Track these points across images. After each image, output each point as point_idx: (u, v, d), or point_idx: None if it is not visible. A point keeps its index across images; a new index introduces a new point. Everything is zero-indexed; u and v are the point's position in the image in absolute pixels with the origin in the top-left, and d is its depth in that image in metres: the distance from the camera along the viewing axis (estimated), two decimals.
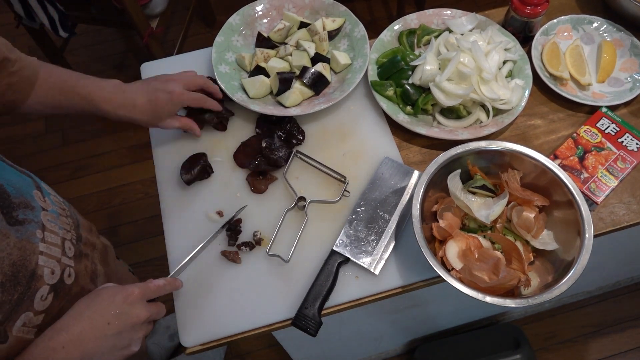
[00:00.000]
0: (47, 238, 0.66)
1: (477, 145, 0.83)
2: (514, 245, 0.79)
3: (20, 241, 0.61)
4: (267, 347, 1.67)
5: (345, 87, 0.96)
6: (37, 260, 0.63)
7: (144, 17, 1.74)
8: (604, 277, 1.59)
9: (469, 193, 0.85)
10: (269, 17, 1.08)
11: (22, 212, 0.63)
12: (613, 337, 1.67)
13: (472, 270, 0.75)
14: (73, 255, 0.72)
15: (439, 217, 0.82)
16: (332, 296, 0.80)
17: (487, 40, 0.99)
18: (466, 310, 1.43)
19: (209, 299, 0.81)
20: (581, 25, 1.07)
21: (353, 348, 1.40)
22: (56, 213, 0.71)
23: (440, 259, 0.79)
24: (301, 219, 0.87)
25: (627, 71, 1.01)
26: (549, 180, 0.81)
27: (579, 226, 0.77)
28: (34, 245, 0.63)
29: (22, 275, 0.60)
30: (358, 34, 1.02)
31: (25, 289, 0.60)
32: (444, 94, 0.92)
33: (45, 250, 0.65)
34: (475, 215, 0.80)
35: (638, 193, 0.89)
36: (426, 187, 0.80)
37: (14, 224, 0.61)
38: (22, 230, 0.61)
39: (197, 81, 0.90)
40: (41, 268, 0.63)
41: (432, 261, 0.73)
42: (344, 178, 0.89)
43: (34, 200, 0.67)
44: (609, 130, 0.92)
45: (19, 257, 0.60)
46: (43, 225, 0.66)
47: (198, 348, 0.79)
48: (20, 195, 0.64)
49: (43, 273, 0.64)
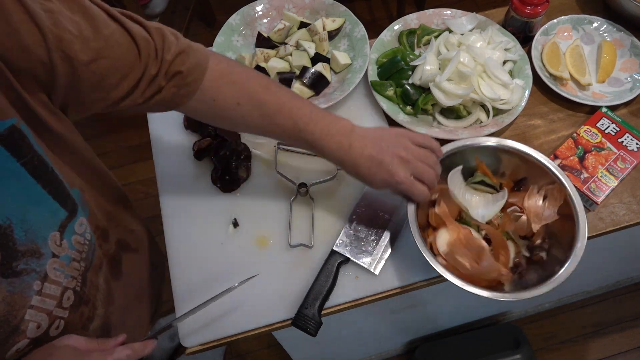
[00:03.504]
0: (45, 290, 0.59)
1: (474, 142, 0.83)
2: (503, 241, 0.79)
3: (10, 295, 0.55)
4: (267, 347, 1.67)
5: (345, 87, 0.96)
6: (24, 315, 0.57)
7: (144, 17, 1.73)
8: (604, 277, 1.59)
9: (470, 189, 0.85)
10: (269, 17, 1.08)
11: (24, 262, 0.56)
12: (613, 337, 1.67)
13: (456, 255, 0.76)
14: (70, 305, 0.64)
15: (437, 204, 0.83)
16: (332, 296, 0.80)
17: (487, 40, 0.99)
18: (466, 310, 1.43)
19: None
20: (581, 25, 1.07)
21: (353, 348, 1.40)
22: (68, 259, 0.63)
23: (430, 244, 0.79)
24: (307, 205, 0.88)
25: (627, 71, 1.01)
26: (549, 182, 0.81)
27: (573, 239, 0.75)
28: (25, 298, 0.57)
29: (2, 331, 0.55)
30: (358, 34, 1.02)
31: (1, 343, 0.55)
32: (444, 94, 0.92)
33: (37, 304, 0.58)
34: (472, 215, 0.81)
35: (638, 193, 0.89)
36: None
37: (9, 275, 0.54)
38: (16, 282, 0.55)
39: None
40: (26, 323, 0.57)
41: (418, 239, 0.73)
42: None
43: (45, 245, 0.58)
44: (609, 130, 0.92)
45: (3, 313, 0.54)
46: (45, 275, 0.59)
47: (198, 348, 0.79)
48: (29, 242, 0.56)
49: (27, 328, 0.58)
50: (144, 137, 1.01)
